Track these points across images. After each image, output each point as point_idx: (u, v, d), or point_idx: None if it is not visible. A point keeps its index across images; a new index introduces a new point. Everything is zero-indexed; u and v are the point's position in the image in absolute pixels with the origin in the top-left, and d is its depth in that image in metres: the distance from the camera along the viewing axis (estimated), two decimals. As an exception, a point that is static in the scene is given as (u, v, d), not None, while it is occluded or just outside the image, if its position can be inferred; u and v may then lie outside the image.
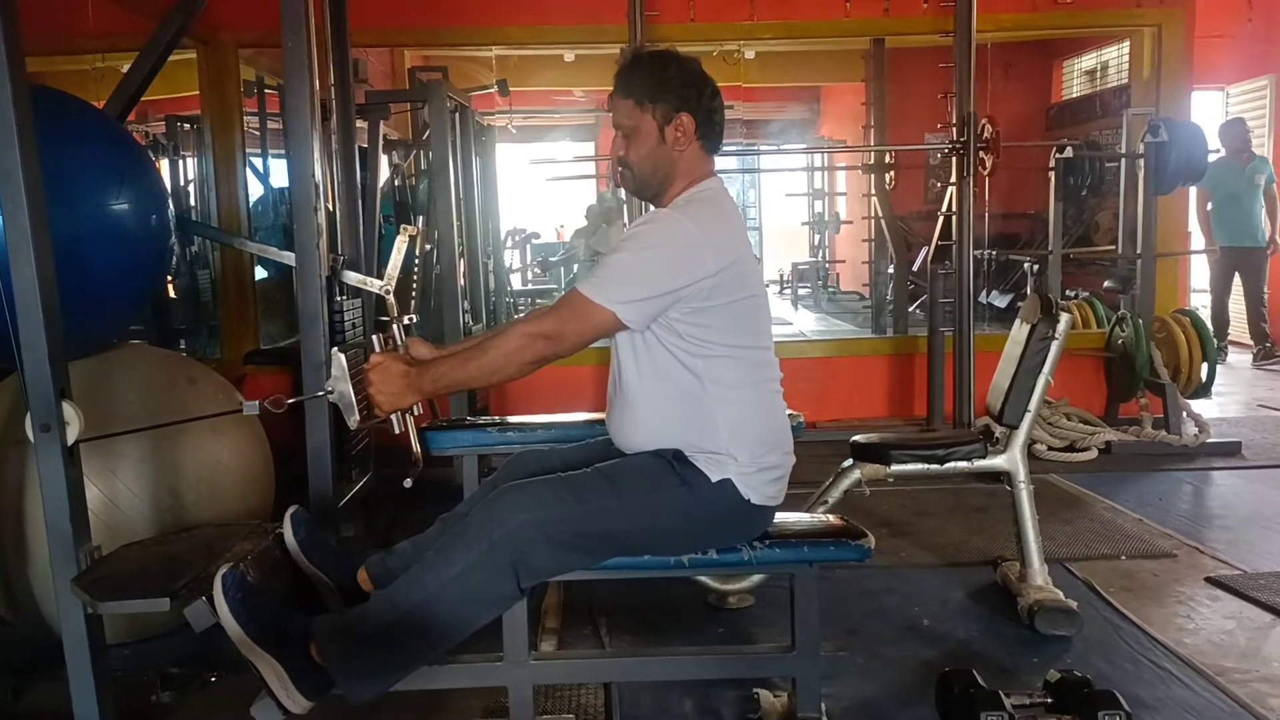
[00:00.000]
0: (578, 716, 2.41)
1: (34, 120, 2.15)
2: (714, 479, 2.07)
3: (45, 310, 2.13)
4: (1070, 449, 5.08)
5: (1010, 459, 3.09)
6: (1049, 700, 2.28)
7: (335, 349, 2.18)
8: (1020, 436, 3.09)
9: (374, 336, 2.16)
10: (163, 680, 2.64)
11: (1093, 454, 5.03)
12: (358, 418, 2.10)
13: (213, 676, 2.70)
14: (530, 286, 10.89)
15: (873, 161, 7.64)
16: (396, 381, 2.02)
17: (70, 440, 2.15)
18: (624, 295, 1.99)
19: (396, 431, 2.11)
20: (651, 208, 2.27)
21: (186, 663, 2.72)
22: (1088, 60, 10.18)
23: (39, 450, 2.13)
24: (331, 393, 2.11)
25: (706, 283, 2.02)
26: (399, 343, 2.18)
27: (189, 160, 6.81)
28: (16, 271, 2.11)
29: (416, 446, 2.22)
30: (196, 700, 2.63)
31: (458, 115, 5.05)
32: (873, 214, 7.86)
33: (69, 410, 2.15)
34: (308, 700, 1.93)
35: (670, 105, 2.13)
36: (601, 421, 2.40)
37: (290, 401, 2.13)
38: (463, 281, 4.93)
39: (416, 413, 2.14)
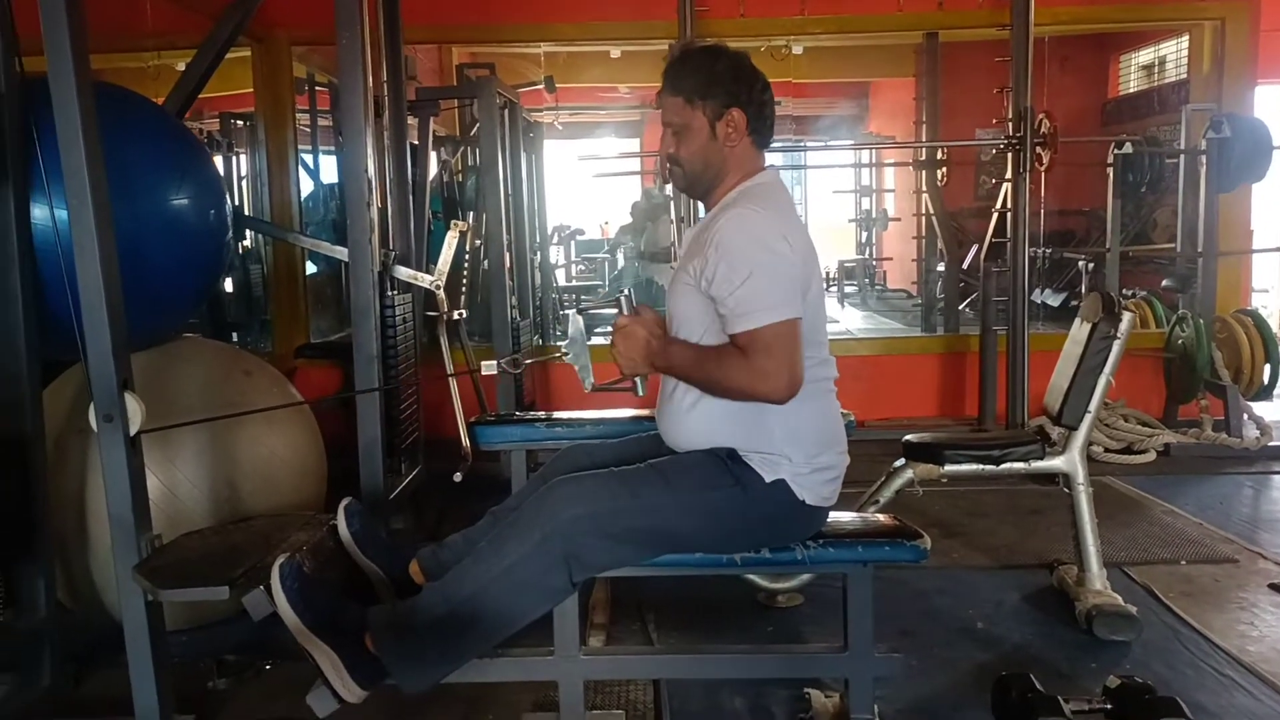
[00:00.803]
0: (627, 712, 2.41)
1: (97, 117, 2.18)
2: (768, 479, 2.05)
3: (109, 303, 2.16)
4: (1128, 451, 4.99)
5: (1069, 461, 3.03)
6: (1109, 707, 2.23)
7: (574, 311, 2.18)
8: (1080, 438, 3.03)
9: (621, 298, 2.12)
10: (219, 667, 2.67)
11: (1151, 456, 4.94)
12: (593, 380, 2.10)
13: (268, 664, 2.73)
14: (575, 282, 10.92)
15: (924, 158, 7.54)
16: (639, 348, 2.04)
17: (133, 431, 2.18)
18: (792, 298, 1.97)
19: (640, 395, 2.10)
20: (699, 207, 2.24)
21: (242, 650, 2.76)
22: (1145, 55, 9.98)
23: (102, 440, 2.17)
24: (568, 354, 2.12)
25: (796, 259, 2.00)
26: (633, 306, 2.14)
27: (242, 156, 6.91)
28: (81, 265, 2.15)
29: (466, 441, 2.21)
30: (252, 688, 2.66)
31: (506, 112, 5.07)
32: (923, 211, 7.76)
33: (131, 401, 2.18)
34: (362, 690, 1.95)
35: (720, 101, 2.11)
36: (648, 419, 2.40)
37: (528, 362, 2.14)
38: (510, 277, 4.94)
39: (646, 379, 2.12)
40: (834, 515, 2.21)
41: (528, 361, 2.10)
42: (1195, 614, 3.04)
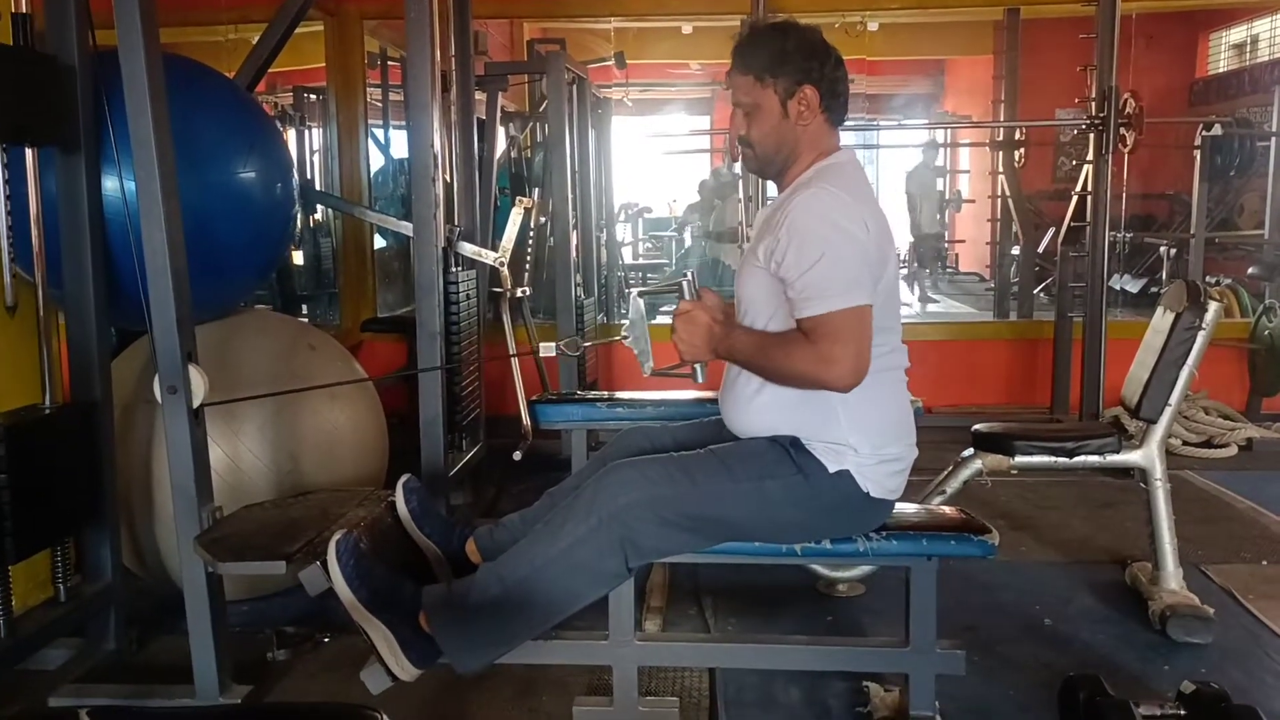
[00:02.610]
0: (681, 699, 2.38)
1: (166, 88, 2.19)
2: (832, 470, 1.99)
3: (174, 274, 2.19)
4: (1207, 444, 4.81)
5: (1147, 455, 2.92)
6: (1182, 713, 2.14)
7: (634, 293, 2.16)
8: (1159, 431, 2.91)
9: (683, 282, 2.09)
10: (278, 638, 2.70)
11: (1232, 451, 4.76)
12: (653, 364, 2.09)
13: (325, 637, 2.75)
14: (642, 260, 10.89)
15: (1001, 138, 7.34)
16: (701, 334, 2.00)
17: (195, 403, 2.21)
18: (864, 283, 1.91)
19: (698, 382, 2.08)
20: (768, 186, 2.19)
21: (302, 622, 2.79)
22: (1237, 32, 9.61)
23: (166, 411, 2.20)
24: (628, 338, 2.10)
25: (873, 250, 1.94)
26: (695, 290, 2.13)
27: (314, 130, 6.98)
28: (147, 236, 2.17)
29: (526, 420, 2.19)
30: (310, 660, 2.69)
31: (575, 87, 5.03)
32: (998, 192, 7.56)
33: (195, 374, 2.21)
34: (416, 669, 1.94)
35: (792, 79, 2.04)
36: (712, 400, 2.35)
37: (587, 345, 2.13)
38: (575, 255, 4.92)
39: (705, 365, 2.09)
40: (899, 506, 2.15)
41: (586, 344, 2.06)
42: (1277, 617, 2.91)
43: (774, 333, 2.00)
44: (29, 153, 2.38)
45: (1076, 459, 2.92)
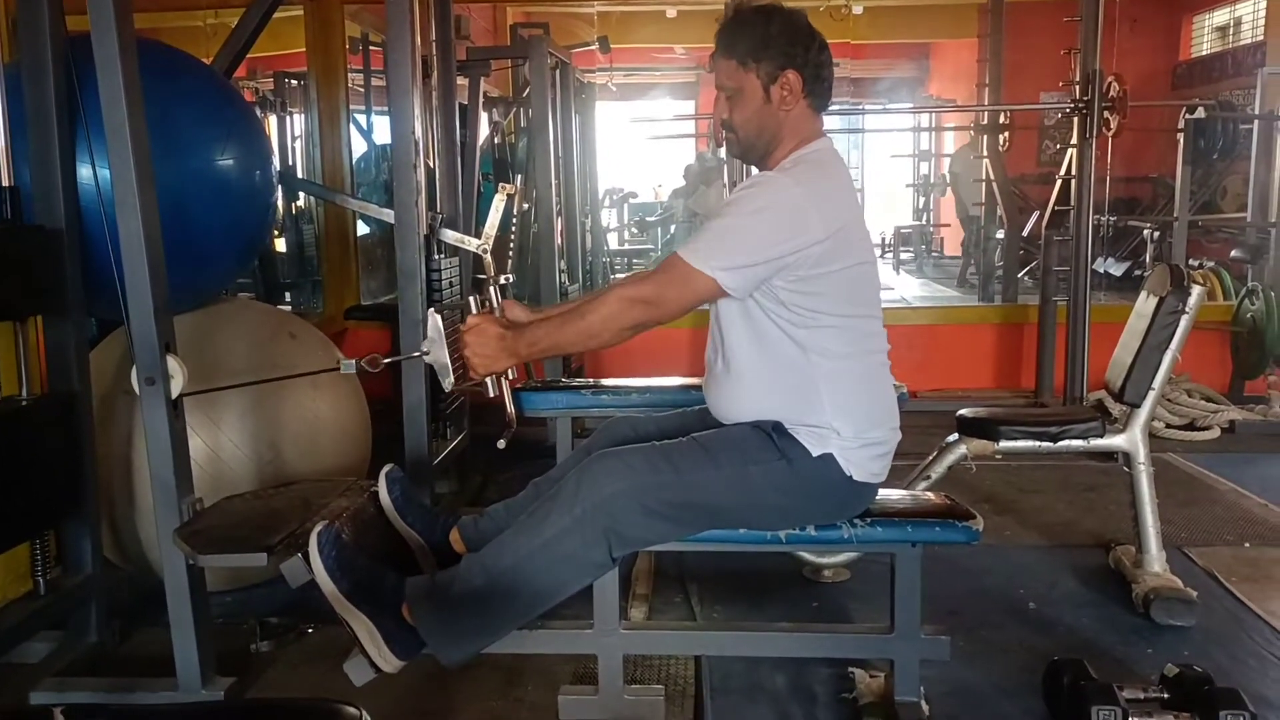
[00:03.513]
0: (667, 687, 2.37)
1: (140, 75, 2.16)
2: (815, 454, 1.98)
3: (150, 264, 2.16)
4: (1190, 427, 4.83)
5: (1130, 439, 2.92)
6: (1165, 696, 2.15)
7: (431, 309, 2.15)
8: (1142, 415, 2.91)
9: (470, 298, 2.13)
10: (262, 629, 2.69)
11: (1215, 433, 4.78)
12: (452, 380, 2.07)
13: (310, 628, 2.74)
14: (627, 246, 10.86)
15: (986, 122, 7.34)
16: (492, 344, 1.98)
17: (174, 394, 2.18)
18: (726, 261, 1.91)
19: (490, 395, 2.08)
20: (755, 171, 2.18)
21: (286, 612, 2.78)
22: (1220, 15, 9.63)
23: (144, 403, 2.18)
24: (427, 354, 2.09)
25: (814, 250, 1.92)
26: (495, 304, 2.14)
27: (296, 116, 6.92)
28: (123, 225, 2.14)
29: (510, 408, 2.18)
30: (294, 650, 2.67)
31: (558, 72, 5.00)
32: (984, 176, 7.57)
33: (173, 364, 2.18)
34: (399, 660, 1.93)
35: (775, 63, 2.03)
36: (697, 386, 2.34)
37: (386, 361, 2.11)
38: (560, 240, 4.90)
39: (511, 376, 2.10)
40: (883, 492, 2.15)
41: (386, 360, 2.06)
42: (1259, 600, 2.93)
43: (569, 302, 2.01)
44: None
45: (1061, 443, 2.92)
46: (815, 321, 1.97)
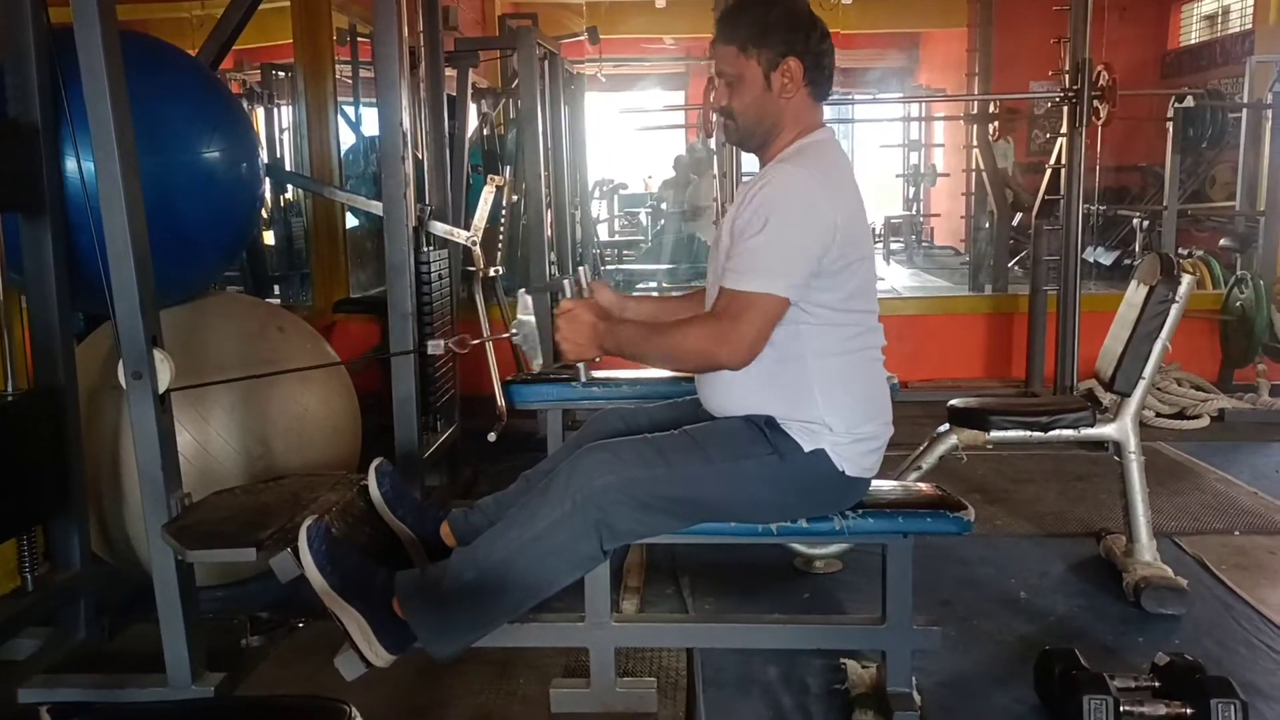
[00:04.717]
0: (659, 679, 2.37)
1: (125, 68, 2.14)
2: (807, 449, 1.98)
3: (136, 258, 2.14)
4: (1180, 416, 4.84)
5: (1121, 428, 2.93)
6: (1157, 684, 2.16)
7: (523, 290, 2.13)
8: (1133, 405, 2.92)
9: (565, 280, 2.09)
10: (252, 624, 2.67)
11: (1204, 422, 4.79)
12: (541, 361, 2.06)
13: (300, 623, 2.72)
14: (618, 237, 10.84)
15: (975, 111, 7.34)
16: (585, 332, 1.97)
17: (161, 388, 2.17)
18: (792, 276, 1.89)
19: (583, 381, 2.06)
20: (746, 158, 2.17)
21: (276, 607, 2.76)
22: (1208, 4, 9.64)
23: (131, 398, 2.16)
24: (517, 334, 2.08)
25: (838, 236, 1.92)
26: (584, 284, 2.10)
27: (284, 108, 6.88)
28: (108, 219, 2.12)
29: (501, 401, 2.17)
30: (285, 646, 2.66)
31: (547, 63, 4.97)
32: (973, 166, 7.57)
33: (160, 358, 2.16)
34: (390, 654, 1.93)
35: (776, 50, 2.01)
36: (687, 379, 2.34)
37: (474, 342, 2.10)
38: (550, 232, 4.88)
39: (597, 361, 2.08)
40: (875, 483, 2.15)
41: (474, 341, 2.04)
42: (1249, 588, 2.94)
43: (661, 300, 1.99)
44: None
45: (1051, 433, 2.92)
46: (810, 316, 1.96)
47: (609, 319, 2.02)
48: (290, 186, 6.39)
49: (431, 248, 3.34)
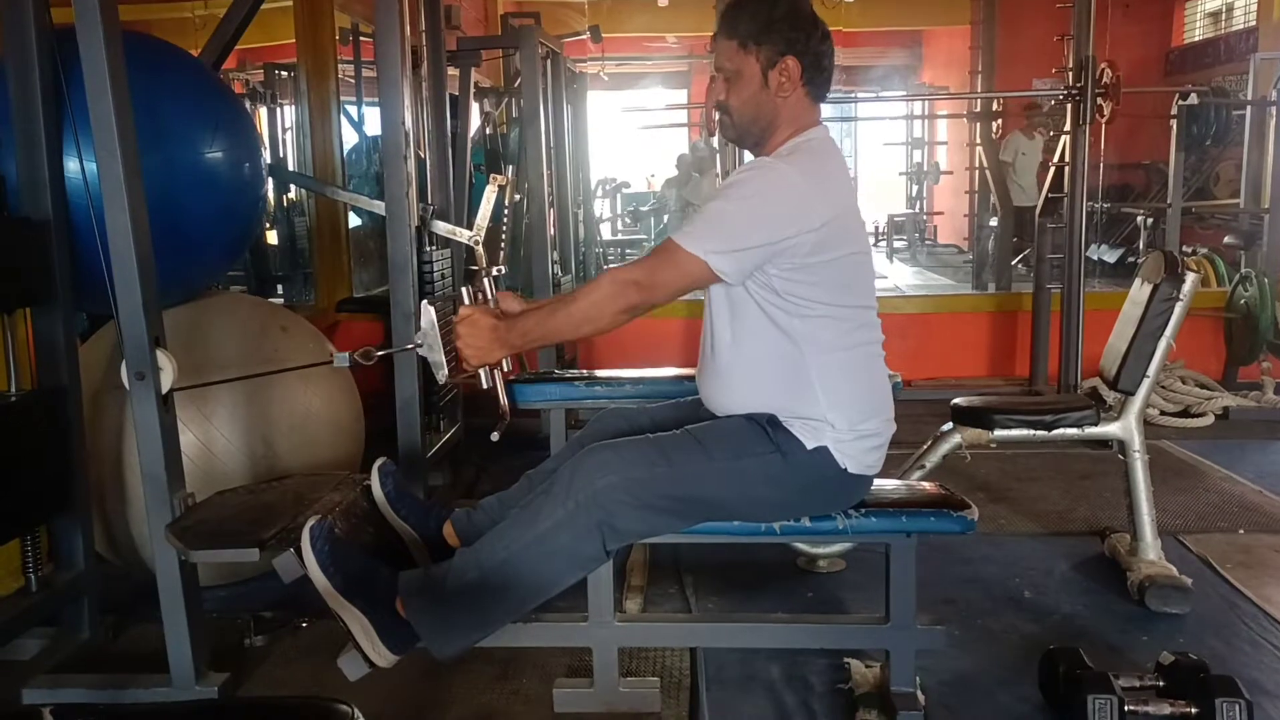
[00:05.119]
0: (662, 679, 2.37)
1: (127, 68, 2.14)
2: (809, 446, 1.98)
3: (139, 258, 2.14)
4: (1184, 414, 4.84)
5: (1125, 427, 2.92)
6: (1161, 684, 2.16)
7: (425, 301, 2.13)
8: (1137, 403, 2.91)
9: (463, 289, 2.11)
10: (255, 623, 2.67)
11: (1209, 420, 4.79)
12: (446, 372, 2.06)
13: (304, 622, 2.73)
14: (620, 236, 10.84)
15: (978, 109, 7.33)
16: (485, 335, 1.97)
17: (164, 388, 2.17)
18: (719, 245, 1.90)
19: (484, 387, 2.06)
20: (748, 157, 2.17)
21: (280, 607, 2.76)
22: (1212, 1, 9.62)
23: (134, 397, 2.16)
24: (420, 346, 2.08)
25: (809, 237, 1.91)
26: (489, 296, 2.13)
27: (286, 108, 6.88)
28: (111, 219, 2.12)
29: (504, 400, 2.17)
30: (288, 645, 2.66)
31: (549, 62, 4.97)
32: (977, 164, 7.56)
33: (163, 358, 2.17)
34: (393, 655, 1.92)
35: (776, 48, 2.01)
36: (691, 377, 2.34)
37: (380, 354, 2.10)
38: (552, 231, 4.88)
39: (505, 368, 2.09)
40: (878, 482, 2.14)
41: (379, 353, 2.03)
42: (1254, 586, 2.93)
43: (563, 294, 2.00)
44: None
45: (1055, 431, 2.92)
46: (809, 311, 1.96)
47: (508, 318, 2.01)
48: (293, 186, 6.39)
49: (434, 247, 3.34)
